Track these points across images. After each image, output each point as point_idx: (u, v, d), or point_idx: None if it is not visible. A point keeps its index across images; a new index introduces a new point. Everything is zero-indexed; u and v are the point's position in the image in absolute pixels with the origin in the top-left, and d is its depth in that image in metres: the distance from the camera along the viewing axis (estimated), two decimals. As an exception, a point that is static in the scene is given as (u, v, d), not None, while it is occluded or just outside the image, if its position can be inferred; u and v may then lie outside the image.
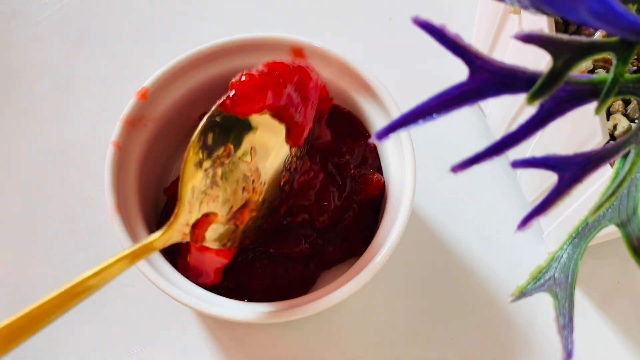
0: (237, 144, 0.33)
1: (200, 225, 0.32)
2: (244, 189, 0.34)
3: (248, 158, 0.33)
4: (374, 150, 0.39)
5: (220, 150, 0.32)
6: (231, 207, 0.33)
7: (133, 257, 0.28)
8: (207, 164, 0.31)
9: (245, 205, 0.34)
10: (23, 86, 0.46)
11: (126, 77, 0.46)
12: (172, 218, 0.30)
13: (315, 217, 0.37)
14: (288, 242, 0.37)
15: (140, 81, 0.37)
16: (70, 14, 0.48)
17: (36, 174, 0.43)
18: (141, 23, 0.48)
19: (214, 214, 0.32)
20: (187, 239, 0.31)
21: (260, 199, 0.35)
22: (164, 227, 0.30)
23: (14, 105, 0.45)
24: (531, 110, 0.20)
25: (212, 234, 0.32)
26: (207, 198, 0.32)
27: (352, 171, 0.38)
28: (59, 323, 0.39)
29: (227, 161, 0.32)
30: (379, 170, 0.39)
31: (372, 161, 0.39)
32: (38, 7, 0.48)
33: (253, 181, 0.34)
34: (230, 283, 0.36)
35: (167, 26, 0.48)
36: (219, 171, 0.32)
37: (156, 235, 0.29)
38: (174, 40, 0.47)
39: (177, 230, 0.30)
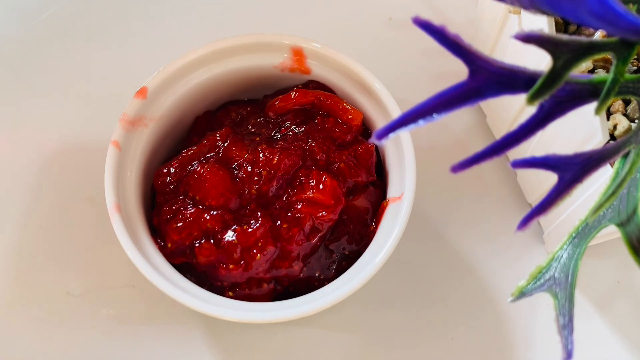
0: None
1: None
2: None
3: None
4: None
5: None
6: None
7: None
8: None
9: None
10: (23, 86, 0.46)
11: (126, 77, 0.46)
12: None
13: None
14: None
15: (140, 81, 0.37)
16: (70, 13, 0.48)
17: (36, 174, 0.43)
18: (141, 23, 0.48)
19: None
20: None
21: None
22: None
23: (14, 105, 0.45)
24: (531, 110, 0.20)
25: None
26: None
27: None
28: (59, 323, 0.39)
29: None
30: (379, 172, 0.39)
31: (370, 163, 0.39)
32: (38, 7, 0.48)
33: None
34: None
35: (167, 26, 0.48)
36: None
37: None
38: (174, 40, 0.47)
39: None
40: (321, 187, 0.34)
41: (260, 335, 0.38)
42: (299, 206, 0.34)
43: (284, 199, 0.34)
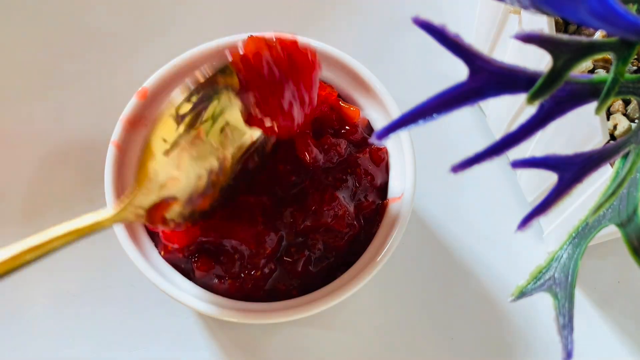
0: (213, 121, 0.29)
1: (157, 208, 0.28)
2: (210, 172, 0.30)
3: (219, 139, 0.30)
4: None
5: (196, 130, 0.28)
6: (193, 192, 0.30)
7: (78, 235, 0.26)
8: (178, 140, 0.27)
9: (208, 190, 0.31)
10: (23, 86, 0.46)
11: (126, 77, 0.46)
12: (127, 198, 0.27)
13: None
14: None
15: (140, 81, 0.37)
16: (70, 14, 0.48)
17: (36, 174, 0.43)
18: (141, 22, 0.48)
19: (174, 199, 0.29)
20: (142, 220, 0.28)
21: (225, 184, 0.31)
22: (117, 206, 0.27)
23: (14, 105, 0.45)
24: (531, 110, 0.20)
25: (168, 217, 0.29)
26: (170, 181, 0.28)
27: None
28: (59, 322, 0.39)
29: (198, 142, 0.28)
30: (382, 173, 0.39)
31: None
32: (37, 6, 0.48)
33: (221, 165, 0.31)
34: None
35: (166, 26, 0.48)
36: (188, 153, 0.28)
37: (106, 214, 0.27)
38: (174, 40, 0.47)
39: (130, 212, 0.27)
40: (335, 213, 0.33)
41: (260, 335, 0.38)
42: (310, 232, 0.33)
43: (293, 219, 0.33)
